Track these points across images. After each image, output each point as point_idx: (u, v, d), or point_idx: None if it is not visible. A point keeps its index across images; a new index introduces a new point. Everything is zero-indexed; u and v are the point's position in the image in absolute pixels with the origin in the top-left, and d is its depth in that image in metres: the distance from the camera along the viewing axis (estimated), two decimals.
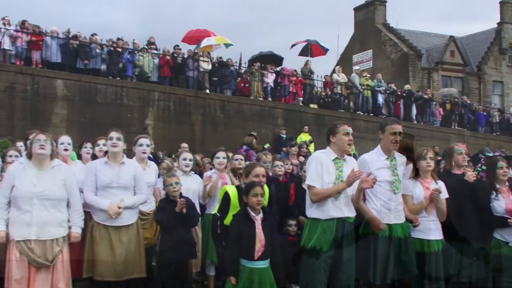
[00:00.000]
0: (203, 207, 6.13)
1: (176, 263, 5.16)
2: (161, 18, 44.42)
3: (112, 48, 15.13)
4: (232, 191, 4.89)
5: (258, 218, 4.43)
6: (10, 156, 6.05)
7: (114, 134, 5.06)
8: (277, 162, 6.79)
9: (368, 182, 4.30)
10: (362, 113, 18.46)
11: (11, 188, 4.49)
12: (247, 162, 6.64)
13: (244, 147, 12.53)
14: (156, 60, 15.61)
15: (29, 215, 4.44)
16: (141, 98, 15.48)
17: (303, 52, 17.93)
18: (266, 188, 4.79)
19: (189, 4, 45.35)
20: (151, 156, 6.85)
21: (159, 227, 5.38)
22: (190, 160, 6.13)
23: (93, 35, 14.95)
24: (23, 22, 14.59)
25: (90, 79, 14.94)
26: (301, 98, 17.55)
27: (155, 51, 15.60)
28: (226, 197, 4.87)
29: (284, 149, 12.99)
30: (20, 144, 7.63)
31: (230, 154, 6.68)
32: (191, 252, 5.32)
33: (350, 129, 4.54)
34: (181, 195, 5.20)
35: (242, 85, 16.76)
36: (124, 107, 15.30)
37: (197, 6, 44.87)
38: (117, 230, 4.95)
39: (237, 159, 6.35)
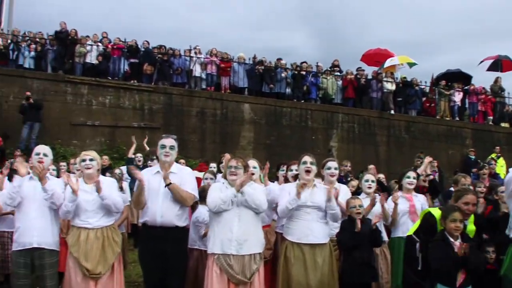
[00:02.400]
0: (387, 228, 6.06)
1: (357, 285, 5.09)
2: (338, 40, 45.31)
3: (296, 72, 15.18)
4: (437, 213, 4.48)
5: (457, 244, 4.14)
6: (206, 178, 6.52)
7: (307, 159, 5.15)
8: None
9: None
10: None
11: None
12: None
13: None
14: (340, 82, 15.36)
15: (229, 230, 4.64)
16: (325, 120, 15.23)
17: (492, 68, 16.68)
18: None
19: (366, 24, 45.83)
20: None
21: None
22: (373, 181, 6.06)
23: (278, 59, 15.17)
24: (212, 50, 15.22)
25: (276, 102, 15.10)
26: (491, 117, 16.21)
27: (338, 73, 15.39)
28: (429, 219, 4.56)
29: (474, 170, 11.75)
30: (213, 165, 8.70)
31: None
32: (372, 274, 5.24)
33: None
34: (363, 217, 5.25)
35: (428, 104, 15.90)
36: (308, 129, 15.14)
37: (374, 26, 45.05)
38: (312, 249, 4.89)
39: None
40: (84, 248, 4.86)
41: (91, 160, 5.05)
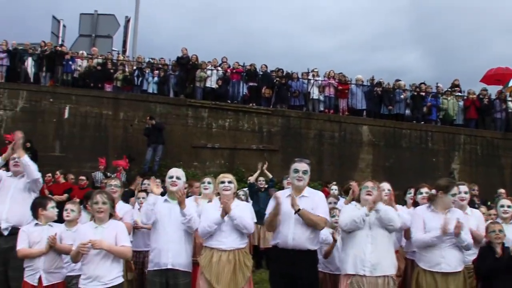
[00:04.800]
0: None
1: None
2: (453, 59, 44.81)
3: (415, 93, 14.93)
4: None
5: None
6: (330, 203, 6.32)
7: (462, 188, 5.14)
8: None
9: None
10: None
11: None
12: None
13: None
14: (461, 103, 14.95)
15: (362, 252, 4.67)
16: (446, 141, 14.82)
17: None
18: None
19: (481, 41, 45.00)
20: None
21: None
22: (509, 206, 5.64)
23: (397, 80, 14.99)
24: (329, 72, 15.22)
25: (395, 124, 14.86)
26: None
27: (459, 93, 15.01)
28: None
29: None
30: (335, 188, 8.73)
31: None
32: None
33: None
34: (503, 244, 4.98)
35: None
36: (429, 151, 14.77)
37: (490, 42, 44.21)
38: (444, 277, 4.73)
39: None
40: (216, 270, 4.89)
41: (229, 182, 5.22)
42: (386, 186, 5.55)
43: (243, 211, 5.14)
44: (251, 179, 10.21)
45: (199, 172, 14.00)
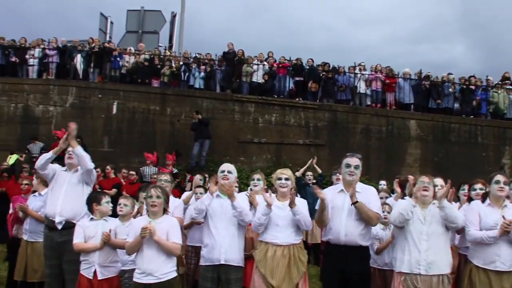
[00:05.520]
0: None
1: None
2: (502, 51, 43.89)
3: (464, 86, 14.72)
4: None
5: None
6: (381, 198, 6.25)
7: (500, 178, 4.92)
8: None
9: None
10: None
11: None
12: None
13: None
14: None
15: (417, 249, 4.61)
16: (497, 136, 14.59)
17: None
18: None
19: None
20: None
21: None
22: None
23: (449, 74, 14.77)
24: (376, 66, 15.08)
25: (443, 118, 14.68)
26: None
27: (510, 87, 14.75)
28: None
29: None
30: (383, 182, 9.07)
31: None
32: None
33: None
34: None
35: None
36: (478, 146, 14.57)
37: None
38: (498, 275, 4.62)
39: None
40: (271, 265, 4.89)
41: (286, 179, 5.19)
42: (439, 181, 5.47)
43: (304, 207, 5.12)
44: (298, 173, 10.23)
45: (246, 167, 14.08)
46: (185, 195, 6.76)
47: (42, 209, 5.80)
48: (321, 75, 14.97)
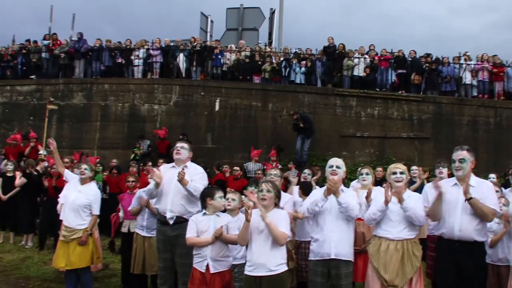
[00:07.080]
0: None
1: None
2: None
3: None
4: None
5: None
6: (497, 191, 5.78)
7: None
8: None
9: None
10: None
11: None
12: None
13: None
14: None
15: None
16: None
17: None
18: None
19: None
20: None
21: None
22: None
23: None
24: (483, 55, 14.65)
25: None
26: None
27: None
28: None
29: None
30: (492, 176, 8.72)
31: None
32: None
33: None
34: None
35: None
36: None
37: None
38: None
39: None
40: (384, 259, 4.84)
41: (401, 173, 5.12)
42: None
43: (416, 202, 5.02)
44: None
45: (349, 162, 14.05)
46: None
47: (155, 204, 5.99)
48: (424, 66, 14.70)
